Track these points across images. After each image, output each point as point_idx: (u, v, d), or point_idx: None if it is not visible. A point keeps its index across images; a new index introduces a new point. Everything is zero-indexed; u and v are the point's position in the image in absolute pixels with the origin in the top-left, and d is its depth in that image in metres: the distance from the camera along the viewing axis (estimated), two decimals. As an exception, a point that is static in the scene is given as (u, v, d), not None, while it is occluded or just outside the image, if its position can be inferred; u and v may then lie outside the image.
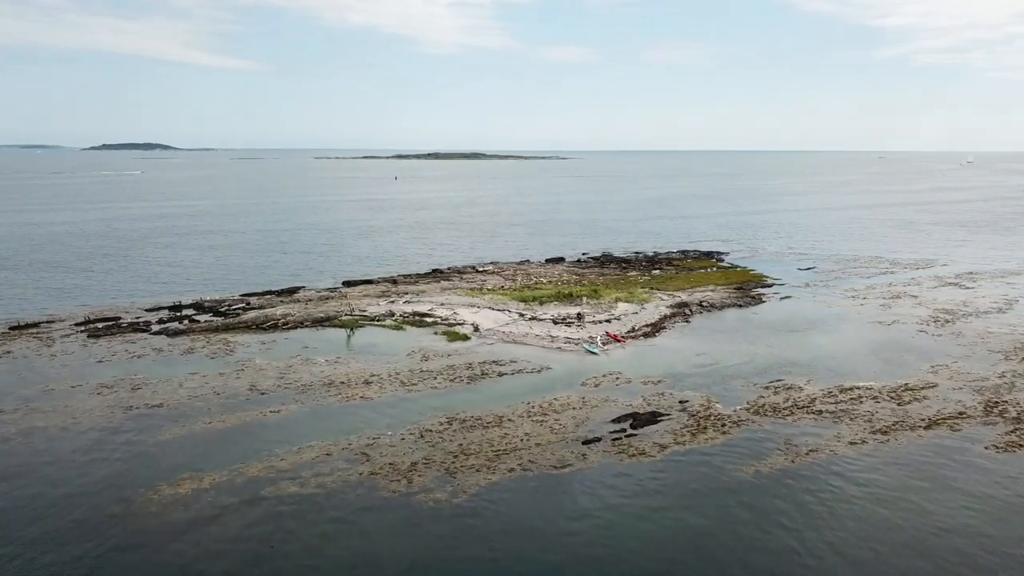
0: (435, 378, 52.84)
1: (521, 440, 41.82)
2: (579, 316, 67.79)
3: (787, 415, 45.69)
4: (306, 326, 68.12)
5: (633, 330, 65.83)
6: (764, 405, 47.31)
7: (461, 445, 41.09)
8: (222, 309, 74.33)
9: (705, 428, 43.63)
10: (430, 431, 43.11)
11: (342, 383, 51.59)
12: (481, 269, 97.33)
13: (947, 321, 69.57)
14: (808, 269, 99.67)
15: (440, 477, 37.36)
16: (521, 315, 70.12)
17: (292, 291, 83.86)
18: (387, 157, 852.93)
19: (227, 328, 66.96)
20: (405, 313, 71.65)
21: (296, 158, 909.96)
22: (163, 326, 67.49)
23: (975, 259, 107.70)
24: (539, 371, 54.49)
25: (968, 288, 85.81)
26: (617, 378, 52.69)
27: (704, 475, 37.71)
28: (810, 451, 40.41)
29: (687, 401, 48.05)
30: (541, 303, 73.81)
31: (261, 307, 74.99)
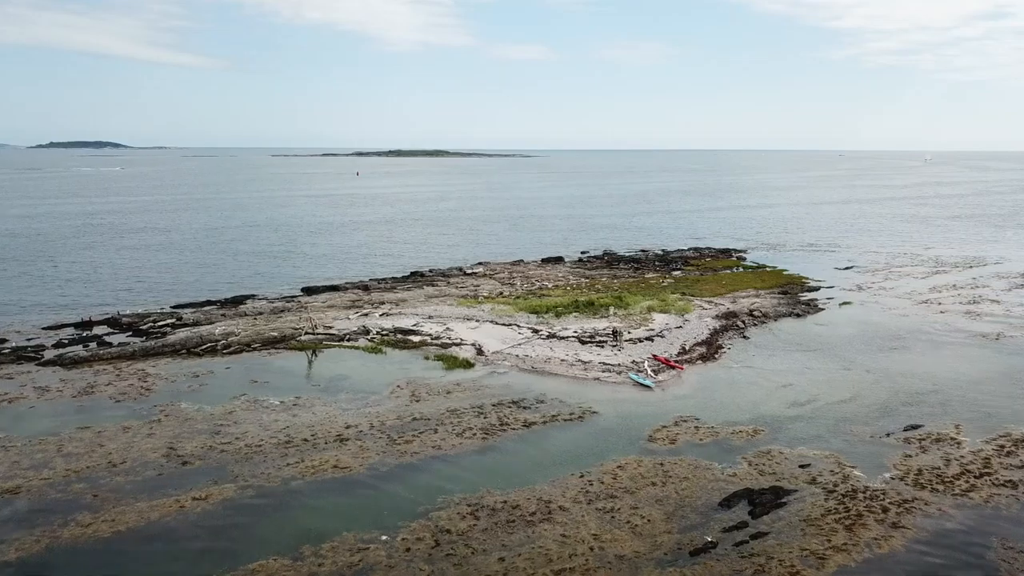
0: (436, 430, 37.03)
1: (590, 548, 26.32)
2: (614, 333, 52.45)
3: (967, 489, 30.95)
4: (254, 349, 51.76)
5: (684, 351, 50.82)
6: (922, 471, 32.56)
7: (503, 561, 25.44)
8: (144, 327, 57.33)
9: (860, 516, 28.65)
10: (447, 532, 27.35)
11: (304, 441, 35.48)
12: (470, 271, 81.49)
13: (1063, 333, 56.03)
14: (847, 268, 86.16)
15: (478, 639, 21.69)
16: (535, 331, 54.59)
17: (238, 301, 66.99)
18: (347, 155, 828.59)
19: (147, 353, 50.18)
20: (383, 330, 55.64)
21: (252, 156, 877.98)
22: (60, 352, 50.41)
23: (1022, 256, 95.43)
24: (580, 417, 39.05)
25: (1047, 290, 72.88)
26: (696, 428, 37.50)
27: (919, 622, 22.68)
28: (1053, 562, 25.70)
29: (809, 465, 33.08)
30: (558, 315, 58.36)
31: (196, 323, 58.16)
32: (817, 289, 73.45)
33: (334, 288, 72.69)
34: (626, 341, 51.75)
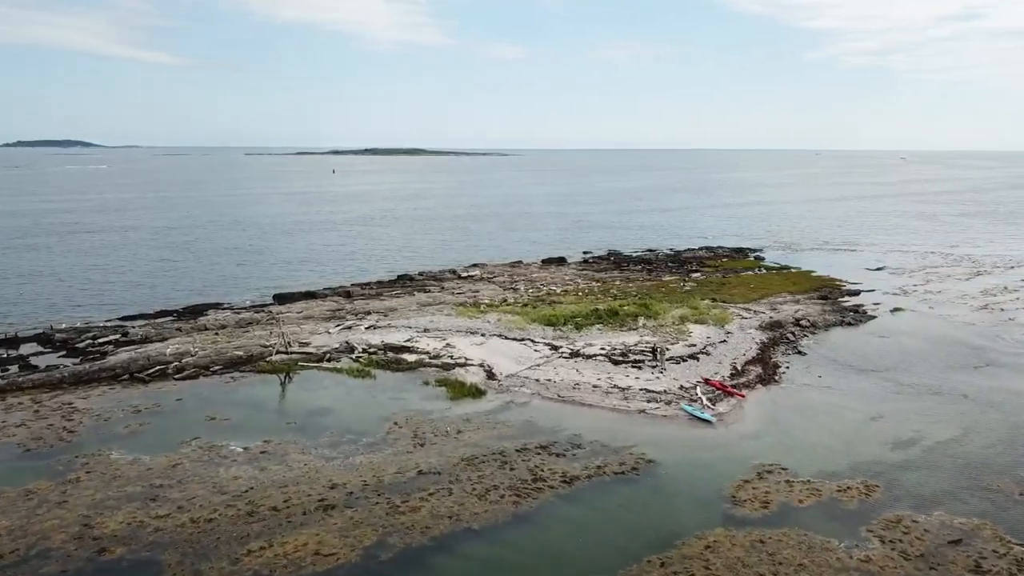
0: (450, 490, 27.91)
1: None
2: (655, 351, 43.54)
3: None
4: (214, 372, 42.33)
5: (737, 371, 42.19)
6: (1118, 549, 24.08)
7: None
8: (80, 344, 47.55)
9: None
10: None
11: (274, 511, 26.19)
12: (465, 275, 72.29)
13: None
14: (878, 269, 78.44)
15: None
16: (554, 348, 45.63)
17: (197, 312, 57.29)
18: (322, 153, 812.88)
19: (79, 380, 40.51)
20: (371, 347, 46.37)
21: (226, 155, 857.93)
22: (-32, 380, 40.50)
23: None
24: (633, 468, 30.13)
25: (1110, 294, 65.45)
26: (787, 482, 28.74)
27: None
28: None
29: (960, 541, 24.49)
30: (578, 327, 49.45)
31: (145, 339, 48.45)
32: (857, 293, 65.40)
33: (311, 295, 63.15)
34: (666, 360, 42.95)
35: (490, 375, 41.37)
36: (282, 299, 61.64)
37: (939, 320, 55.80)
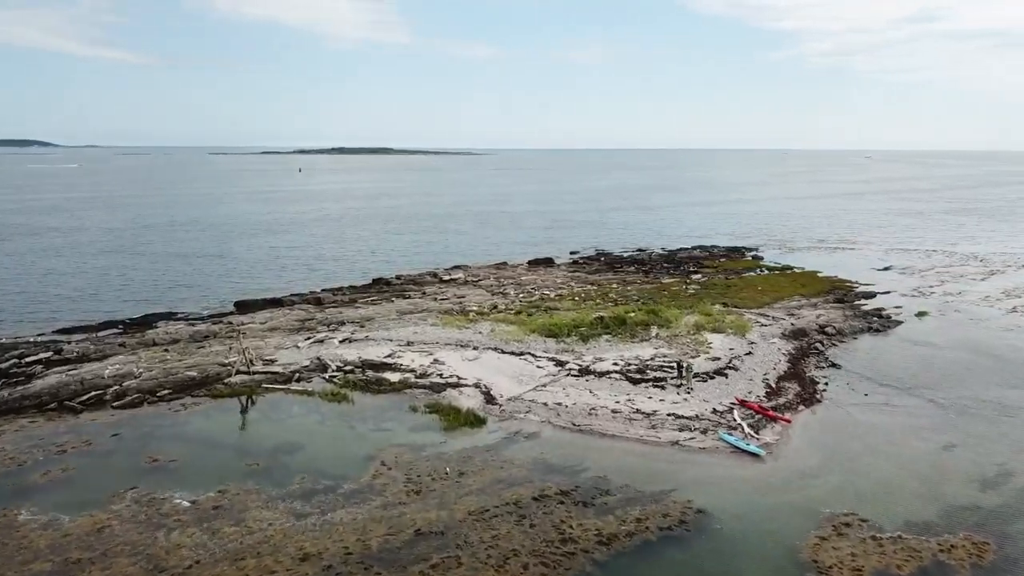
0: (458, 559, 21.95)
1: None
2: (680, 367, 37.72)
3: None
4: (161, 398, 35.76)
5: (772, 389, 36.67)
6: None
7: None
8: (3, 365, 40.41)
9: None
10: None
11: (225, 596, 19.92)
12: (448, 278, 65.96)
13: None
14: (885, 269, 73.96)
15: None
16: (559, 364, 39.67)
17: (146, 323, 50.33)
18: (289, 152, 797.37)
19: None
20: (347, 364, 40.04)
21: (190, 154, 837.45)
22: None
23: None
24: (681, 521, 24.34)
25: None
26: (874, 539, 23.15)
27: None
28: None
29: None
30: (583, 337, 43.54)
31: (82, 358, 41.50)
32: (873, 296, 60.54)
33: (276, 303, 56.43)
34: (692, 377, 37.25)
35: (489, 398, 35.35)
36: (244, 308, 54.82)
37: (972, 326, 50.99)
